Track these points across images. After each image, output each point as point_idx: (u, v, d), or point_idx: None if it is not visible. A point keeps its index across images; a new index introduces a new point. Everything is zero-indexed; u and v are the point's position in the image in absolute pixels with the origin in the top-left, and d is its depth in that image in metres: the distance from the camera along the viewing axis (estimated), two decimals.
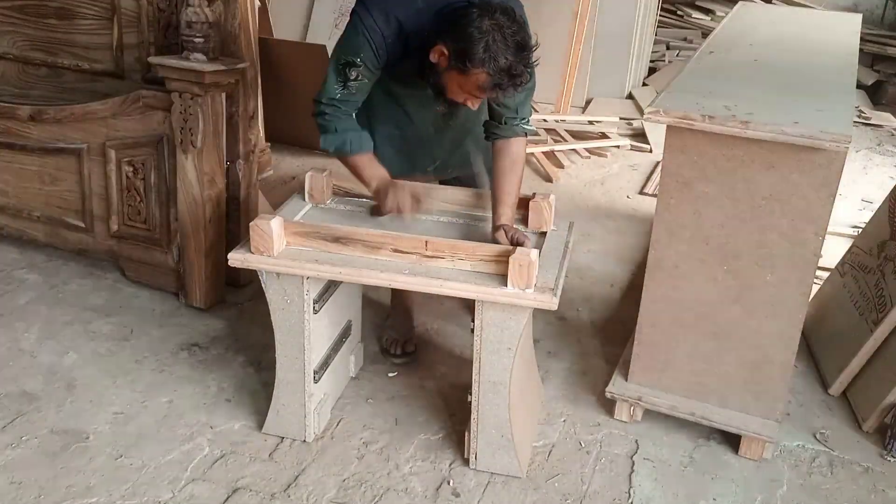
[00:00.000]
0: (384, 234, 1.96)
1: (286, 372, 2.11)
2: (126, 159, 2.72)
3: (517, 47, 1.89)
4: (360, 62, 2.03)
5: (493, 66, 1.87)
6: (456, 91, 1.99)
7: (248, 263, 1.98)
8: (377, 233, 1.96)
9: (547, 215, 2.15)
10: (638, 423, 2.29)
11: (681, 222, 2.07)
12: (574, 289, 3.01)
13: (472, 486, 2.04)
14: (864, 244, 2.72)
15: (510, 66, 1.88)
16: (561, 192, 3.90)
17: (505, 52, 1.87)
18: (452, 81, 1.97)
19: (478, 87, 1.93)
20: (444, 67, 1.95)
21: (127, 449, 2.11)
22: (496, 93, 1.95)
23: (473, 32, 1.86)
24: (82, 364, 2.44)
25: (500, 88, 1.92)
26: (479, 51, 1.86)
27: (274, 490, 1.99)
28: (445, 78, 1.98)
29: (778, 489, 2.09)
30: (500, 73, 1.88)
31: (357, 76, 2.06)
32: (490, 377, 1.98)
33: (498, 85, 1.91)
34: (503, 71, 1.88)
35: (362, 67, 2.04)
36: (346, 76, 2.06)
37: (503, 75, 1.89)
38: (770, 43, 2.82)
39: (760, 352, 2.11)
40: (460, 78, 1.94)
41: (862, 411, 2.35)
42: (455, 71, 1.93)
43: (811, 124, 1.87)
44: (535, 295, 1.84)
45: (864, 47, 5.64)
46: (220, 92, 2.56)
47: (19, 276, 2.90)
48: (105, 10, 2.73)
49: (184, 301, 2.77)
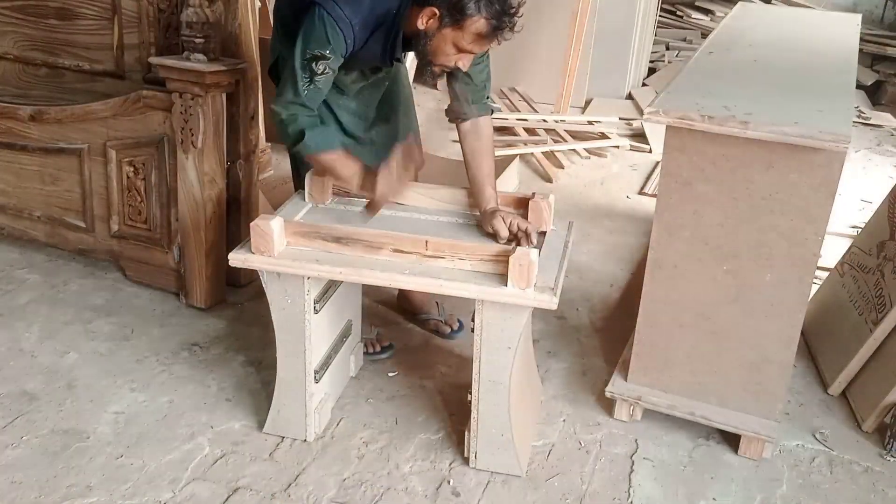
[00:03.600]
0: (384, 234, 1.96)
1: (287, 372, 2.11)
2: (127, 159, 2.72)
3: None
4: (329, 53, 2.00)
5: (489, 10, 1.89)
6: (449, 51, 1.98)
7: (249, 263, 1.98)
8: (377, 233, 1.97)
9: (546, 215, 2.16)
10: (638, 423, 2.29)
11: (680, 222, 2.08)
12: (574, 289, 3.01)
13: (472, 485, 2.04)
14: (863, 244, 2.73)
15: (504, 8, 1.91)
16: (561, 193, 3.90)
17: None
18: (446, 41, 1.96)
19: (476, 37, 1.94)
20: (435, 29, 1.95)
21: (127, 449, 2.11)
22: (495, 38, 1.95)
23: None
24: (83, 364, 2.45)
25: (499, 31, 1.93)
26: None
27: (274, 490, 2.00)
28: (437, 40, 1.97)
29: (777, 489, 2.09)
30: (496, 15, 1.90)
31: (324, 69, 2.03)
32: (490, 376, 1.98)
33: (497, 28, 1.92)
34: (499, 12, 1.90)
35: (331, 59, 2.02)
36: (312, 71, 2.02)
37: (500, 16, 1.90)
38: (770, 43, 2.82)
39: (760, 352, 2.11)
40: (455, 33, 1.94)
41: (861, 411, 2.35)
42: (449, 27, 1.93)
43: (811, 124, 1.87)
44: (534, 294, 1.85)
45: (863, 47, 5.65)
46: (221, 92, 2.57)
47: (20, 276, 2.91)
48: (105, 10, 2.74)
49: (184, 301, 2.77)
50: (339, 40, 2.00)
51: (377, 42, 2.06)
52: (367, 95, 2.30)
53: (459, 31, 1.93)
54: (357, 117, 2.31)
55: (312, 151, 2.09)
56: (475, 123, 2.23)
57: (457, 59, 2.01)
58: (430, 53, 2.01)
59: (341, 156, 2.13)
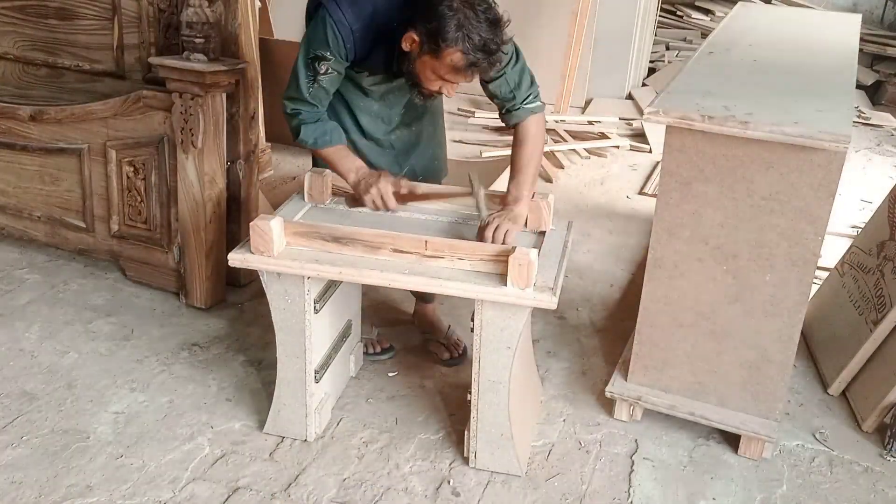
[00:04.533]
0: (384, 234, 1.96)
1: (287, 371, 2.11)
2: (127, 159, 2.72)
3: (489, 23, 1.86)
4: (329, 55, 2.02)
5: (467, 44, 1.84)
6: (430, 78, 1.96)
7: (249, 263, 1.98)
8: (377, 233, 1.97)
9: (545, 215, 2.16)
10: (638, 423, 2.29)
11: (680, 222, 2.08)
12: (574, 289, 3.01)
13: (472, 485, 2.04)
14: (863, 244, 2.73)
15: (485, 43, 1.85)
16: (561, 193, 3.90)
17: (478, 28, 1.84)
18: (426, 67, 1.94)
19: (453, 69, 1.90)
20: (416, 54, 1.93)
21: (127, 449, 2.11)
22: (472, 73, 1.91)
23: (444, 10, 1.84)
24: (83, 364, 2.45)
25: (475, 67, 1.89)
26: (451, 28, 1.83)
27: (274, 490, 2.00)
28: (418, 65, 1.95)
29: (777, 489, 2.09)
30: (475, 50, 1.85)
31: (326, 70, 2.04)
32: (489, 376, 1.98)
33: (473, 64, 1.87)
34: (478, 48, 1.85)
35: (332, 61, 2.03)
36: (315, 70, 2.04)
37: (478, 52, 1.86)
38: (770, 43, 2.82)
39: (760, 351, 2.11)
40: (434, 62, 1.91)
41: (861, 411, 2.35)
42: (428, 55, 1.90)
43: (810, 124, 1.87)
44: (534, 294, 1.85)
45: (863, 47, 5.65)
46: (221, 92, 2.57)
47: (20, 276, 2.91)
48: (105, 10, 2.74)
49: (184, 301, 2.77)
50: (337, 44, 2.00)
51: (379, 54, 2.05)
52: (392, 99, 2.26)
53: (436, 60, 1.90)
54: (379, 119, 2.28)
55: (310, 145, 2.15)
56: (520, 128, 2.18)
57: (440, 86, 1.99)
58: (414, 76, 2.00)
59: (339, 150, 2.15)
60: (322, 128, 2.14)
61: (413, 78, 2.00)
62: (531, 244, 2.05)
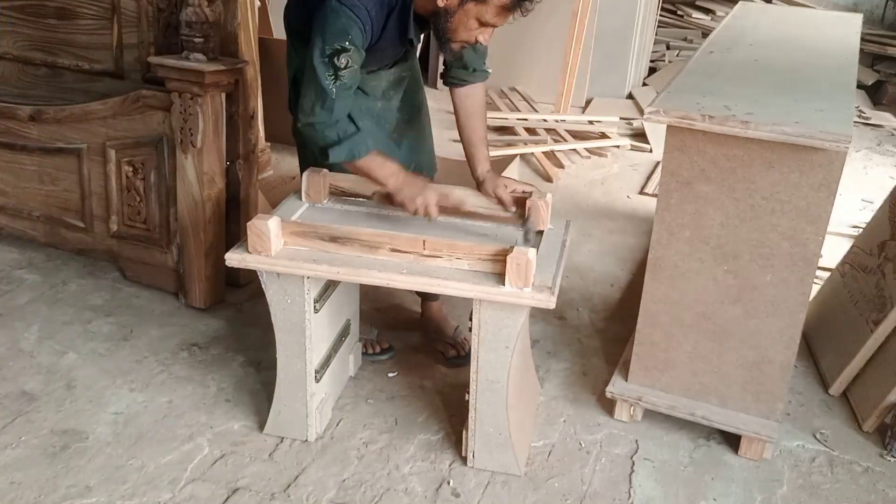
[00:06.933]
0: (382, 234, 1.96)
1: (287, 372, 2.11)
2: (126, 159, 2.72)
3: None
4: (349, 45, 1.97)
5: None
6: (472, 27, 1.99)
7: (246, 263, 1.98)
8: (375, 232, 1.96)
9: (544, 214, 2.15)
10: (638, 423, 2.29)
11: (681, 222, 2.07)
12: (574, 289, 3.01)
13: (472, 485, 2.04)
14: (864, 244, 2.72)
15: None
16: (561, 192, 3.90)
17: None
18: (469, 16, 1.97)
19: (500, 10, 1.94)
20: (456, 5, 1.96)
21: (126, 449, 2.11)
22: (518, 9, 1.96)
23: None
24: (82, 364, 2.44)
25: (522, 2, 1.94)
26: None
27: (274, 490, 1.99)
28: (459, 16, 1.98)
29: (778, 489, 2.09)
30: None
31: (347, 63, 1.98)
32: (487, 375, 1.98)
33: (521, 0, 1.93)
34: None
35: (352, 51, 1.98)
36: (336, 66, 1.98)
37: None
38: (770, 43, 2.81)
39: (760, 352, 2.11)
40: (479, 8, 1.95)
41: (862, 411, 2.35)
42: (472, 2, 1.94)
43: (811, 124, 1.87)
44: (532, 294, 1.84)
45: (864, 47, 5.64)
46: (220, 92, 2.56)
47: (19, 276, 2.90)
48: (105, 9, 2.73)
49: (183, 301, 2.77)
50: (356, 29, 1.97)
51: (394, 26, 2.06)
52: (392, 94, 2.29)
53: (483, 6, 1.94)
54: (382, 120, 2.29)
55: (345, 160, 2.07)
56: (473, 88, 2.28)
57: (478, 34, 2.02)
58: (450, 31, 2.02)
59: (374, 158, 2.09)
60: (348, 144, 2.04)
61: (448, 33, 2.02)
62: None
